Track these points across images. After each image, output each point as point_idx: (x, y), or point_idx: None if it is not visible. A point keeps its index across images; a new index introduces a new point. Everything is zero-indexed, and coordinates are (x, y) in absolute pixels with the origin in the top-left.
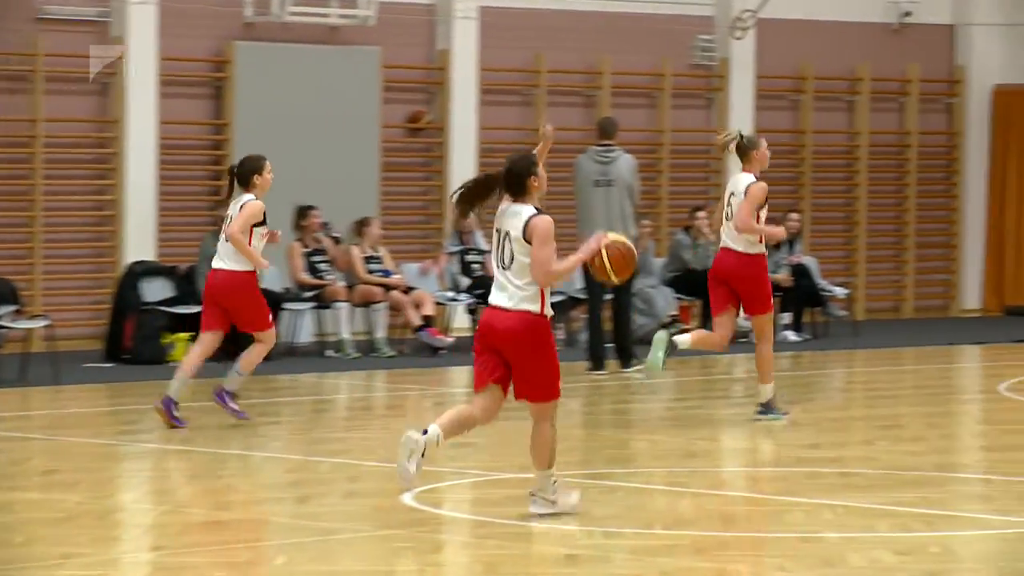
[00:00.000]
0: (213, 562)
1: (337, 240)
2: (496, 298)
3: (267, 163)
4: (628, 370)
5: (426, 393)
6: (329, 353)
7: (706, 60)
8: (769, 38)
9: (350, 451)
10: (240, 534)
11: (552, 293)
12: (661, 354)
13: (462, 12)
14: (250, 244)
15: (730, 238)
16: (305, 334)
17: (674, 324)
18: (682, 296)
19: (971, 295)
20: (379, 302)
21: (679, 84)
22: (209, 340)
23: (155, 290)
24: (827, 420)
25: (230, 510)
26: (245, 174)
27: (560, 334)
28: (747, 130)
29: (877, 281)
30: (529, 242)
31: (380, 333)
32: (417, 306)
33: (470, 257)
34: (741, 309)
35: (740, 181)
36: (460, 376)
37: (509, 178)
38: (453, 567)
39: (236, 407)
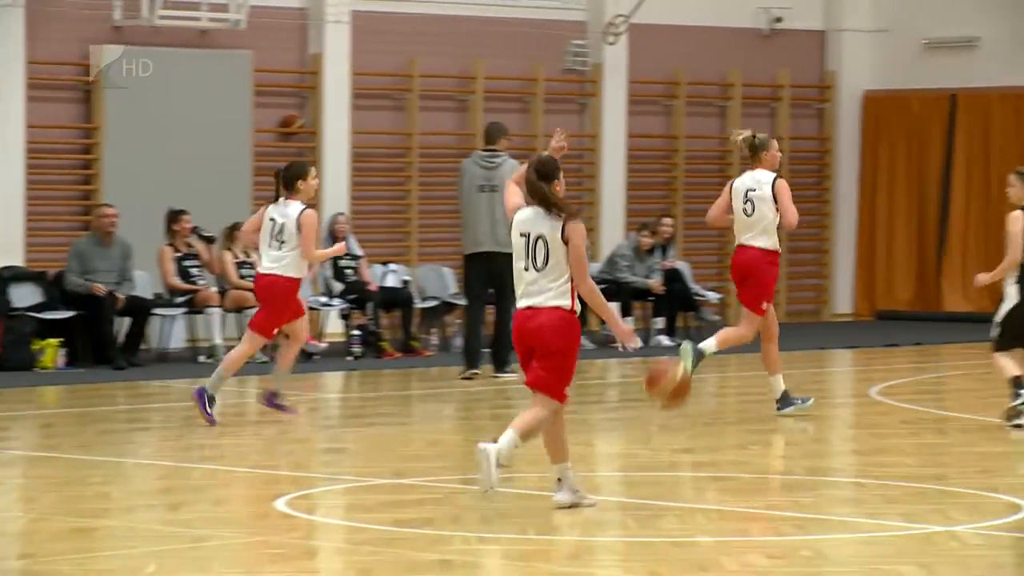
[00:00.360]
0: (83, 569)
1: (210, 239)
2: (528, 300)
3: (312, 169)
4: (503, 375)
5: (299, 399)
6: (201, 359)
7: (579, 65)
8: (642, 43)
9: (222, 457)
10: (110, 541)
11: (425, 298)
12: (689, 364)
13: (334, 16)
14: (280, 248)
15: (748, 236)
16: (177, 340)
17: None
18: None
19: (842, 300)
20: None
21: (552, 89)
22: (256, 341)
23: (24, 295)
24: (700, 424)
25: (100, 517)
26: (291, 179)
27: (434, 339)
28: (619, 135)
29: None
30: (567, 242)
31: None
32: None
33: (343, 262)
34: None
35: (761, 179)
36: (333, 381)
37: (538, 178)
38: (326, 573)
39: (285, 405)
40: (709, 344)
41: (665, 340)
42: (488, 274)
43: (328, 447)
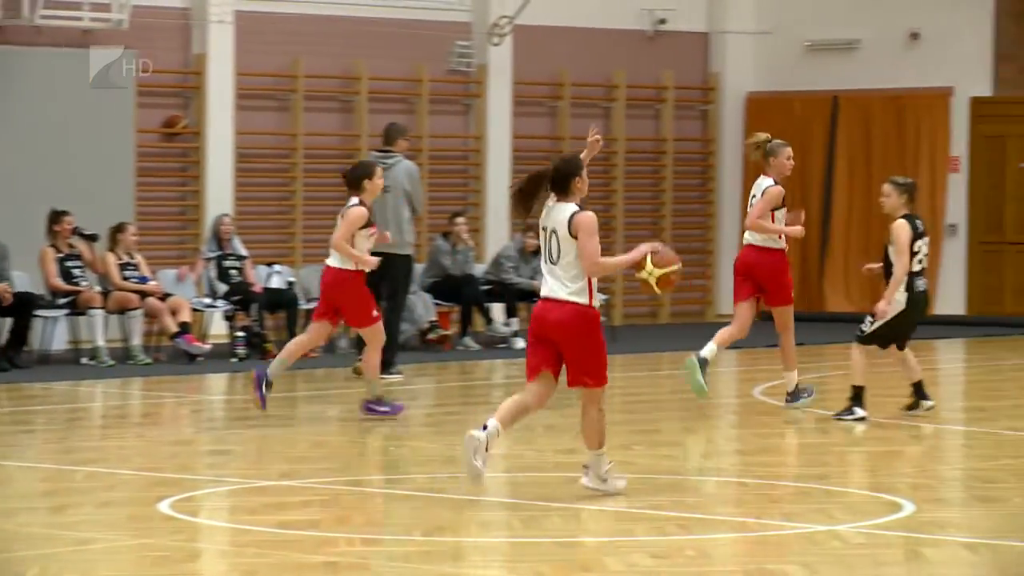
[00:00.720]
0: None
1: (93, 237)
2: (547, 291)
3: (378, 169)
4: (387, 376)
5: (183, 401)
6: (84, 360)
7: (463, 66)
8: (526, 44)
9: (106, 460)
10: None
11: (310, 300)
12: (699, 376)
13: (217, 16)
14: (353, 245)
15: (752, 235)
16: (59, 341)
17: (433, 330)
18: (440, 302)
19: (726, 300)
20: (135, 309)
21: (437, 90)
22: (317, 330)
23: None
24: None
25: None
26: (357, 178)
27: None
28: (504, 136)
29: (634, 287)
30: (575, 237)
31: (136, 340)
32: (174, 313)
33: (228, 263)
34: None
35: (761, 184)
36: (218, 383)
37: (556, 177)
38: None
39: (387, 408)
40: (709, 348)
41: None
42: (383, 274)
43: (212, 449)
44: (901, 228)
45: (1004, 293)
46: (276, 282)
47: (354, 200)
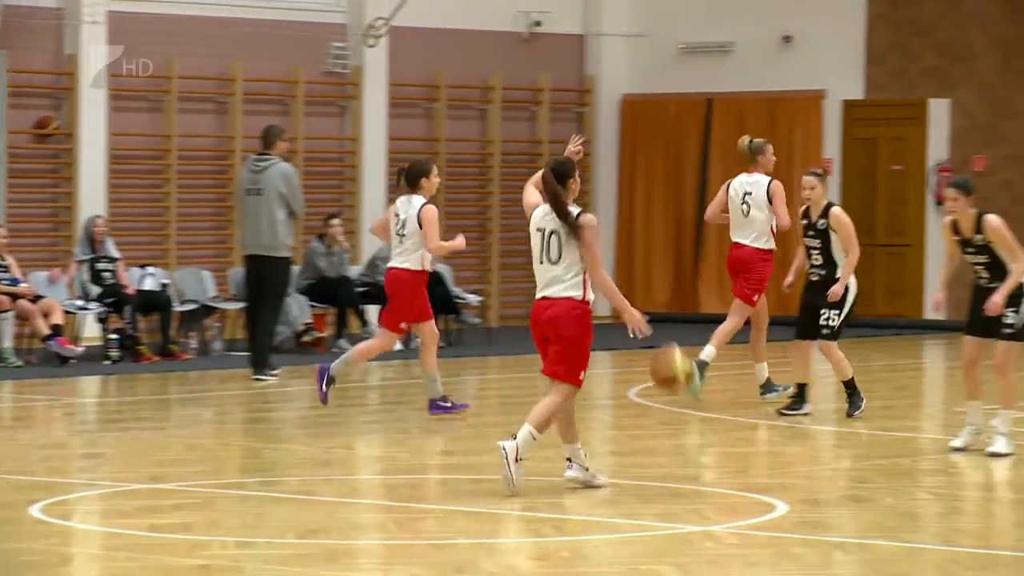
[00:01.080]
0: None
1: None
2: (544, 291)
3: (435, 167)
4: (262, 378)
5: (55, 403)
6: None
7: (339, 68)
8: (402, 46)
9: None
10: None
11: (184, 302)
12: (697, 380)
13: (90, 16)
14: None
15: (742, 234)
16: None
17: (308, 332)
18: (316, 304)
19: (601, 301)
20: (6, 311)
21: (312, 91)
22: (386, 335)
23: None
24: (461, 427)
25: None
26: (414, 176)
27: (193, 343)
28: (379, 137)
29: (510, 288)
30: (579, 239)
31: (7, 343)
32: (46, 315)
33: (100, 265)
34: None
35: (757, 182)
36: (90, 385)
37: (556, 176)
38: None
39: (449, 405)
40: (708, 351)
41: None
42: (259, 277)
43: (85, 452)
44: (844, 214)
45: (875, 294)
46: (149, 284)
47: (420, 200)
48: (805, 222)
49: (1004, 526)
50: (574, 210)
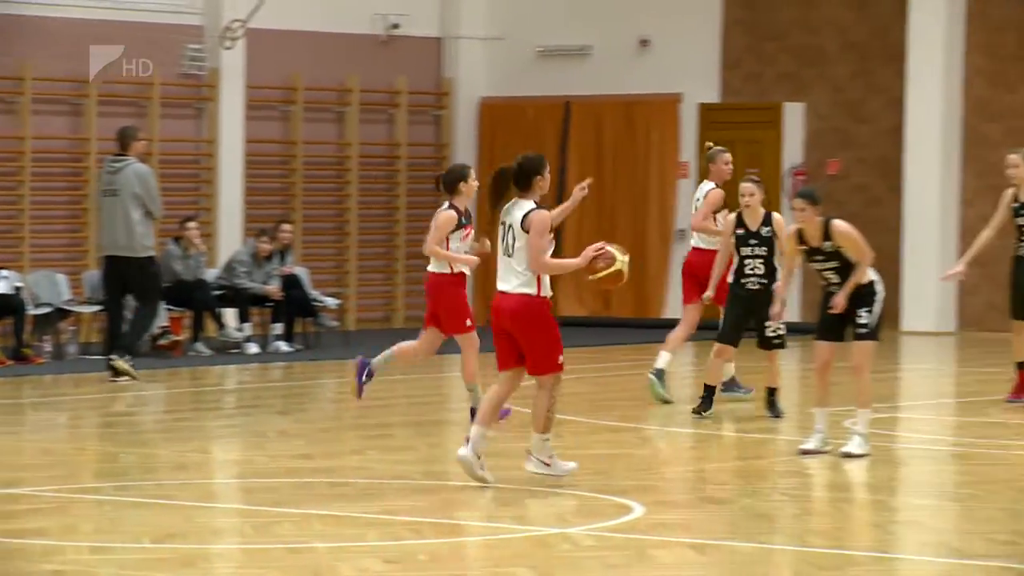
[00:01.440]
0: None
1: None
2: (501, 284)
3: (472, 171)
4: (115, 362)
5: None
6: None
7: (195, 69)
8: (259, 48)
9: None
10: None
11: (38, 305)
12: (659, 390)
13: None
14: (448, 248)
15: (699, 238)
16: None
17: (164, 335)
18: (172, 307)
19: None
20: None
21: (169, 93)
22: (427, 337)
23: None
24: (318, 430)
25: None
26: (452, 182)
27: (47, 346)
28: (236, 140)
29: (368, 291)
30: (527, 232)
31: None
32: None
33: None
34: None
35: (702, 188)
36: None
37: (519, 174)
38: None
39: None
40: (663, 358)
41: (284, 346)
42: (120, 278)
43: None
44: (784, 221)
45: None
46: (3, 287)
47: (445, 204)
48: (742, 231)
49: (857, 526)
50: (531, 205)
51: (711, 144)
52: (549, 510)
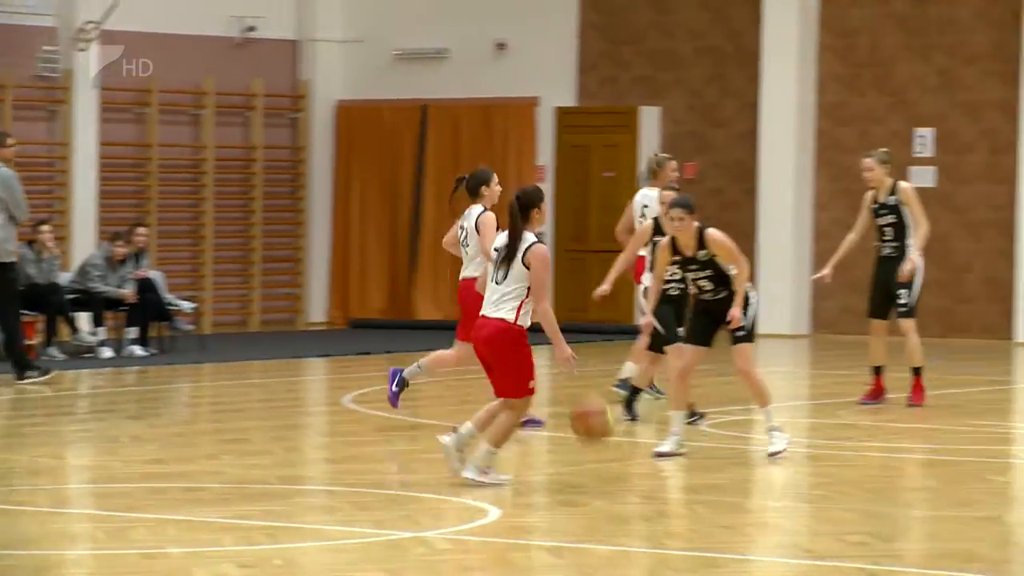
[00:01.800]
0: None
1: None
2: (485, 309)
3: (495, 175)
4: (21, 382)
5: None
6: None
7: (49, 71)
8: (114, 50)
9: None
10: None
11: None
12: (624, 412)
13: None
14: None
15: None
16: None
17: None
18: (25, 311)
19: (317, 308)
20: None
21: (22, 96)
22: (463, 348)
23: None
24: (173, 435)
25: None
26: (475, 186)
27: None
28: (90, 142)
29: (224, 295)
30: (527, 266)
31: None
32: None
33: None
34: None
35: (647, 195)
36: None
37: (519, 207)
38: None
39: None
40: (628, 368)
41: (138, 350)
42: None
43: None
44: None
45: (589, 300)
46: None
47: (479, 208)
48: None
49: (712, 528)
50: (529, 239)
51: (654, 152)
52: (405, 514)
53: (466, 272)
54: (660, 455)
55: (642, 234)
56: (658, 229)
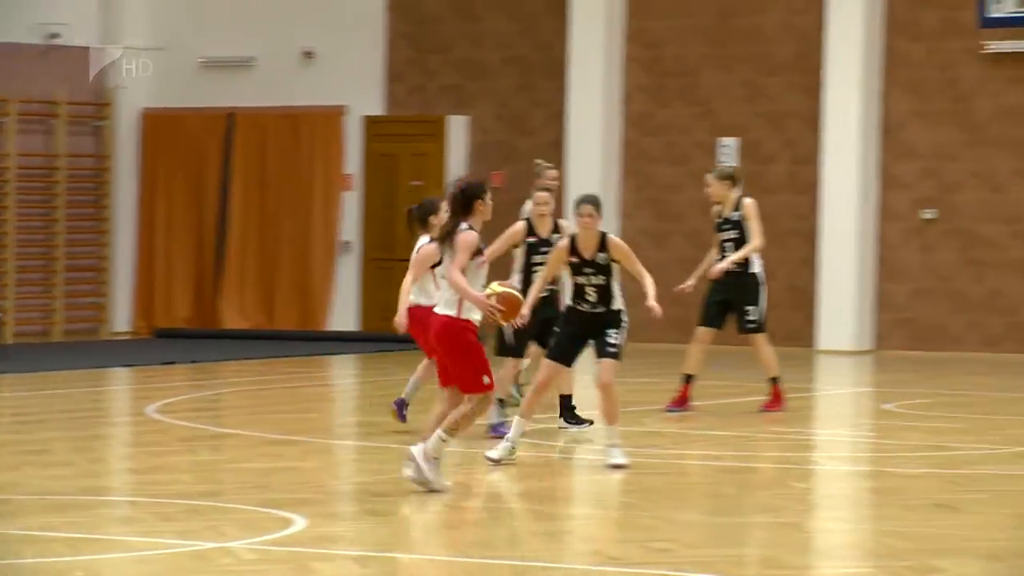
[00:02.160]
0: None
1: None
2: (436, 306)
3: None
4: None
5: None
6: None
7: None
8: None
9: None
10: None
11: None
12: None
13: None
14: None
15: None
16: None
17: None
18: None
19: (121, 317)
20: None
21: None
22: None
23: None
24: None
25: None
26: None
27: None
28: None
29: (26, 304)
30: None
31: None
32: None
33: None
34: None
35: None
36: None
37: (462, 198)
38: None
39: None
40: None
41: None
42: None
43: None
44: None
45: (395, 309)
46: None
47: (464, 225)
48: (534, 240)
49: (518, 536)
50: (465, 226)
51: (539, 161)
52: (210, 525)
53: (418, 300)
54: (490, 460)
55: (512, 235)
56: (531, 230)
